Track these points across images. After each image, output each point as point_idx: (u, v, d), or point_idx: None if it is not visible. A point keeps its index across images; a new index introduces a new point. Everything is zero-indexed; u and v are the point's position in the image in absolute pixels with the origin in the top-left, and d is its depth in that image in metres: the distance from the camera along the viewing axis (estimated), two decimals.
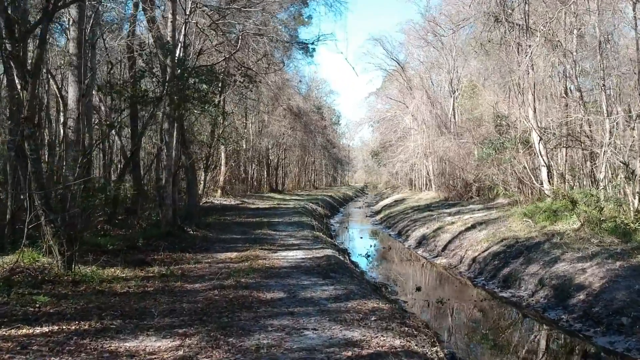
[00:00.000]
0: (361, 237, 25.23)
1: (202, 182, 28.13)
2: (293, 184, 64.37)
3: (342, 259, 11.56)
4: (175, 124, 13.02)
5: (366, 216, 38.29)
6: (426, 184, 47.02)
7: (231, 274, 8.79)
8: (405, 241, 22.89)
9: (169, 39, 13.45)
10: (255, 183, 50.07)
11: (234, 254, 11.29)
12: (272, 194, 45.48)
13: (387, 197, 52.73)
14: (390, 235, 25.95)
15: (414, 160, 42.36)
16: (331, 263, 10.15)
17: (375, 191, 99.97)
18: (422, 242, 21.24)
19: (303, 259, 10.76)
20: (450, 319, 11.16)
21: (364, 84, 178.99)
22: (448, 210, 26.86)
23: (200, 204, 26.99)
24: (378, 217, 36.02)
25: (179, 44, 13.94)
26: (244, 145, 46.57)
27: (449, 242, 18.94)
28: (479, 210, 24.81)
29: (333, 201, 48.11)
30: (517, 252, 14.80)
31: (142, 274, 8.81)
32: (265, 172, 50.88)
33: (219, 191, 29.54)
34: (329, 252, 11.81)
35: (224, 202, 27.93)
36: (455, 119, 41.45)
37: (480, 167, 33.26)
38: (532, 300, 11.89)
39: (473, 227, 19.30)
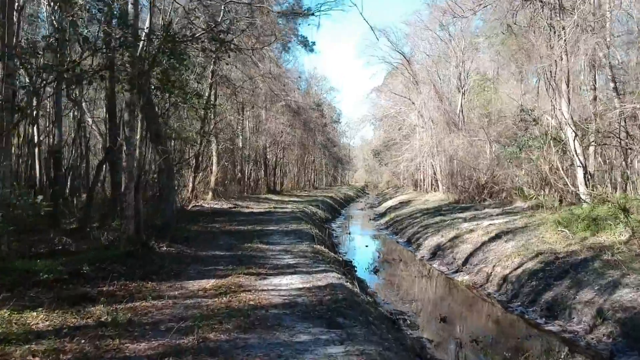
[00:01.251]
0: (366, 246, 22.67)
1: (190, 183, 25.60)
2: (292, 184, 61.76)
3: (351, 287, 8.96)
4: (139, 115, 10.42)
5: (370, 219, 35.70)
6: (432, 185, 44.47)
7: (197, 322, 6.19)
8: (417, 251, 20.32)
9: None
10: (252, 183, 47.48)
11: (210, 282, 8.70)
12: (269, 196, 42.89)
13: (390, 199, 50.14)
14: (398, 242, 23.37)
15: (420, 159, 39.77)
16: (338, 299, 7.56)
17: (376, 191, 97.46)
18: (437, 252, 18.67)
19: (300, 290, 8.17)
20: None
21: (366, 78, 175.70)
22: (462, 215, 24.30)
23: (188, 208, 24.48)
24: (383, 220, 33.44)
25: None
26: (240, 144, 44.03)
27: (471, 254, 16.37)
28: (497, 215, 22.23)
29: (334, 202, 45.55)
30: (561, 271, 12.22)
31: (73, 321, 6.22)
32: (263, 172, 48.29)
33: (210, 193, 26.96)
34: (333, 277, 9.21)
35: (215, 206, 25.35)
36: (463, 115, 38.93)
37: (494, 167, 30.77)
38: (592, 339, 9.31)
39: (498, 236, 16.73)
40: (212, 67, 24.41)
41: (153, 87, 13.22)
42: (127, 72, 10.12)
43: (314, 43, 55.74)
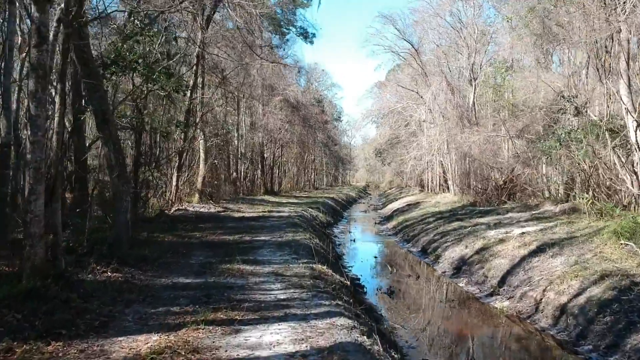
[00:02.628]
0: (375, 257, 19.52)
1: (173, 184, 22.46)
2: (291, 184, 58.58)
3: (370, 346, 5.78)
4: (58, 84, 7.26)
5: (375, 223, 32.54)
6: (441, 185, 41.33)
7: None
8: (436, 264, 17.18)
9: None
10: (247, 184, 44.34)
11: (151, 341, 5.55)
12: (266, 197, 39.74)
13: (395, 200, 46.99)
14: (411, 252, 20.22)
15: (429, 157, 36.59)
16: None
17: (378, 191, 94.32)
18: (461, 267, 15.52)
19: None
20: None
21: (369, 75, 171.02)
22: (483, 220, 21.19)
23: (170, 212, 21.38)
24: (390, 225, 30.28)
25: None
26: (236, 142, 40.91)
27: (508, 272, 13.21)
28: (527, 221, 19.11)
29: (335, 204, 42.39)
30: None
31: None
32: (260, 172, 45.14)
33: (197, 195, 23.82)
34: (342, 330, 6.06)
35: (201, 210, 22.22)
36: (475, 110, 35.77)
37: (514, 166, 27.62)
38: None
39: (540, 250, 13.57)
40: (197, 49, 21.26)
41: (106, 60, 10.11)
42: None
43: (314, 35, 52.70)
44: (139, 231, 14.89)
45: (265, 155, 45.26)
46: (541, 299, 11.05)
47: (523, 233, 16.40)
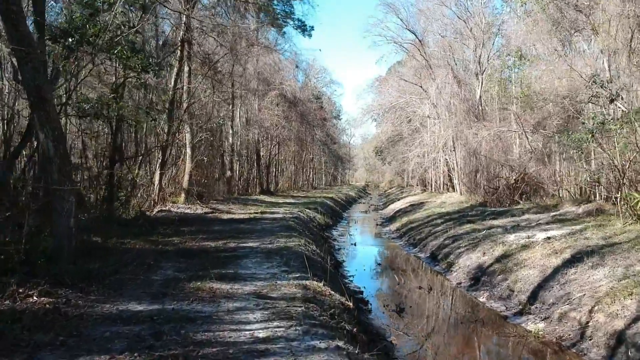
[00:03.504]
0: (379, 264, 17.45)
1: (156, 182, 20.39)
2: (288, 183, 56.49)
3: None
4: None
5: (377, 225, 30.47)
6: (446, 185, 39.27)
7: None
8: (448, 273, 15.12)
9: None
10: (243, 183, 42.27)
11: None
12: (261, 197, 37.67)
13: (397, 200, 44.91)
14: (419, 259, 18.15)
15: (434, 154, 34.51)
16: None
17: (378, 191, 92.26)
18: (480, 278, 13.45)
19: None
20: None
21: (371, 67, 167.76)
22: (497, 222, 19.18)
23: (152, 214, 19.33)
24: (393, 226, 28.21)
25: None
26: (230, 139, 38.83)
27: (540, 286, 11.14)
28: (548, 224, 17.10)
29: (334, 204, 40.31)
30: None
31: None
32: (256, 170, 43.05)
33: (183, 195, 21.71)
34: None
35: (187, 211, 20.15)
36: (482, 104, 33.76)
37: (527, 163, 25.60)
38: None
39: (576, 259, 11.52)
40: (181, 32, 19.17)
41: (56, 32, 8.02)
42: None
43: (312, 28, 50.69)
44: (108, 236, 12.91)
45: (261, 153, 43.20)
46: (587, 322, 8.98)
47: (549, 238, 14.35)
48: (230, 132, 39.12)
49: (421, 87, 35.81)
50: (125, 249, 11.55)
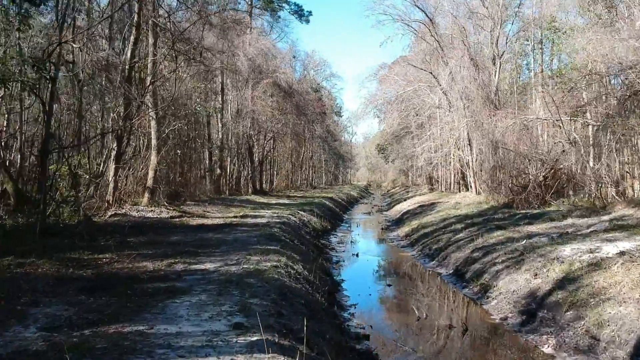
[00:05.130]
0: (389, 285, 13.39)
1: (111, 179, 16.45)
2: (285, 182, 52.50)
3: None
4: None
5: (382, 229, 26.48)
6: (458, 183, 35.26)
7: None
8: (484, 299, 11.12)
9: None
10: (234, 182, 38.29)
11: None
12: (252, 197, 33.74)
13: (404, 200, 40.87)
14: (440, 276, 14.11)
15: (446, 148, 30.49)
16: None
17: (380, 191, 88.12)
18: (536, 313, 9.40)
19: None
20: None
21: (374, 54, 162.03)
22: (536, 229, 15.29)
23: (104, 219, 15.41)
24: (401, 231, 24.21)
25: None
26: (220, 133, 34.87)
27: None
28: (607, 231, 13.28)
29: (334, 205, 36.29)
30: None
31: None
32: (248, 168, 39.04)
33: (147, 195, 17.73)
34: None
35: (149, 215, 16.19)
36: (498, 91, 29.78)
37: (558, 157, 21.65)
38: None
39: None
40: None
41: None
42: None
43: (310, 13, 46.59)
44: (6, 253, 9.10)
45: (254, 149, 39.21)
46: None
47: (623, 253, 10.34)
48: (220, 125, 35.22)
49: (431, 73, 31.76)
50: (9, 277, 7.60)
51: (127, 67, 15.64)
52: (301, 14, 44.05)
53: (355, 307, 10.41)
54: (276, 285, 7.59)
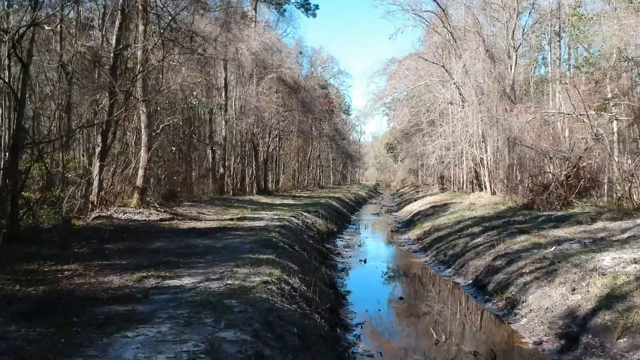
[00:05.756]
0: (401, 297, 11.84)
1: (95, 179, 15.05)
2: (292, 182, 51.04)
3: None
4: None
5: (392, 231, 24.94)
6: (472, 182, 33.63)
7: None
8: (512, 317, 9.59)
9: None
10: (238, 181, 36.87)
11: None
12: (256, 197, 32.32)
13: (414, 200, 39.29)
14: (458, 287, 12.57)
15: (460, 146, 28.88)
16: None
17: (389, 191, 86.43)
18: (578, 337, 7.84)
19: None
20: None
21: (382, 51, 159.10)
22: (564, 234, 13.75)
23: (88, 220, 14.03)
24: (412, 234, 22.67)
25: None
26: (224, 131, 33.45)
27: None
28: None
29: (342, 205, 34.77)
30: None
31: None
32: (253, 167, 37.60)
33: (136, 196, 16.30)
34: None
35: (136, 217, 14.76)
36: (515, 86, 28.15)
37: (580, 155, 20.04)
38: None
39: None
40: None
41: None
42: None
43: (316, 7, 45.12)
44: None
45: (258, 147, 37.73)
46: None
47: None
48: (223, 123, 33.80)
49: (443, 67, 30.16)
50: None
51: (111, 55, 14.22)
52: (307, 8, 42.62)
53: (362, 327, 8.92)
54: (263, 309, 6.10)
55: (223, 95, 33.65)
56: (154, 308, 6.05)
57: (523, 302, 9.84)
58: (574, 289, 9.09)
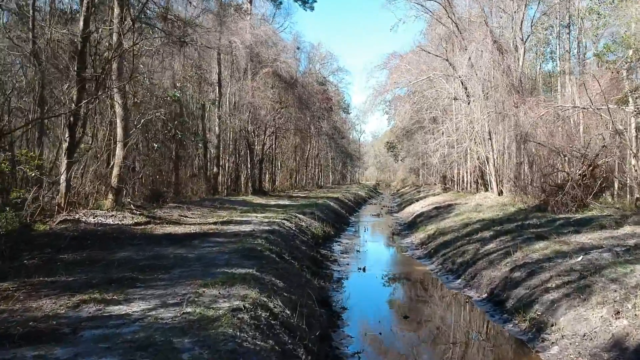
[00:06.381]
0: (406, 317, 10.20)
1: (63, 178, 13.45)
2: (289, 181, 49.46)
3: None
4: None
5: (393, 234, 23.36)
6: (477, 182, 32.04)
7: None
8: (539, 344, 7.99)
9: None
10: (232, 181, 35.28)
11: None
12: (250, 198, 30.71)
13: (415, 201, 37.65)
14: (471, 302, 10.97)
15: (466, 143, 27.25)
16: None
17: (389, 190, 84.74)
18: None
19: None
20: None
21: (384, 40, 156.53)
22: (588, 240, 12.24)
23: (54, 225, 12.45)
24: (415, 238, 21.08)
25: None
26: (217, 128, 31.85)
27: None
28: None
29: (340, 206, 33.15)
30: None
31: None
32: (249, 166, 35.95)
33: (111, 197, 14.67)
34: None
35: (108, 221, 13.13)
36: (523, 80, 26.53)
37: (598, 152, 18.46)
38: None
39: None
40: None
41: None
42: None
43: None
44: None
45: (253, 145, 36.09)
46: None
47: None
48: (217, 120, 32.20)
49: (447, 60, 28.54)
50: None
51: (79, 38, 12.61)
52: (305, 0, 40.94)
53: (359, 357, 7.33)
54: (224, 352, 4.49)
55: (217, 91, 32.08)
56: (74, 353, 4.44)
57: (552, 325, 8.24)
58: (617, 312, 7.49)
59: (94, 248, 10.18)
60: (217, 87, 32.01)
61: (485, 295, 11.03)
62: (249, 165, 35.76)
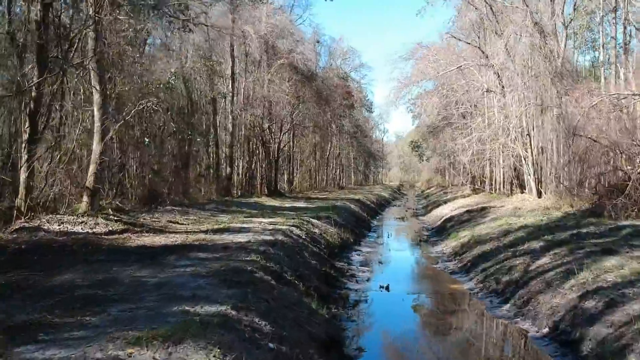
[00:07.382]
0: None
1: (22, 176, 11.20)
2: (309, 182, 47.03)
3: None
4: None
5: (420, 241, 20.75)
6: (512, 183, 29.18)
7: None
8: None
9: None
10: (246, 181, 32.99)
11: None
12: (264, 199, 28.40)
13: (443, 203, 34.89)
14: (527, 337, 8.35)
15: (503, 139, 24.45)
16: None
17: (414, 191, 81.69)
18: None
19: None
20: None
21: (407, 34, 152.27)
22: None
23: (7, 233, 10.20)
24: (446, 246, 18.42)
25: None
26: (230, 125, 29.61)
27: None
28: None
29: (361, 209, 30.58)
30: None
31: None
32: (264, 165, 33.62)
33: (86, 199, 12.39)
34: None
35: (77, 228, 10.87)
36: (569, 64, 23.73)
37: None
38: None
39: None
40: None
41: None
42: None
43: None
44: None
45: (268, 143, 33.74)
46: None
47: None
48: (230, 117, 29.95)
49: (479, 47, 25.79)
50: None
51: (38, 5, 10.36)
52: None
53: None
54: None
55: (230, 85, 29.84)
56: None
57: None
58: None
59: (36, 266, 7.86)
60: (230, 81, 29.77)
61: (547, 330, 8.40)
62: (263, 165, 33.44)
